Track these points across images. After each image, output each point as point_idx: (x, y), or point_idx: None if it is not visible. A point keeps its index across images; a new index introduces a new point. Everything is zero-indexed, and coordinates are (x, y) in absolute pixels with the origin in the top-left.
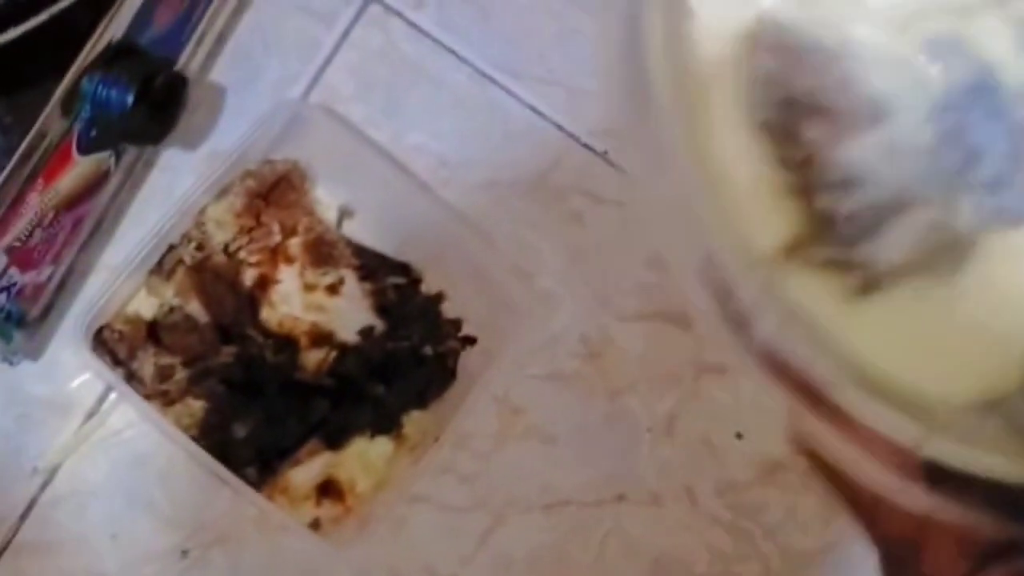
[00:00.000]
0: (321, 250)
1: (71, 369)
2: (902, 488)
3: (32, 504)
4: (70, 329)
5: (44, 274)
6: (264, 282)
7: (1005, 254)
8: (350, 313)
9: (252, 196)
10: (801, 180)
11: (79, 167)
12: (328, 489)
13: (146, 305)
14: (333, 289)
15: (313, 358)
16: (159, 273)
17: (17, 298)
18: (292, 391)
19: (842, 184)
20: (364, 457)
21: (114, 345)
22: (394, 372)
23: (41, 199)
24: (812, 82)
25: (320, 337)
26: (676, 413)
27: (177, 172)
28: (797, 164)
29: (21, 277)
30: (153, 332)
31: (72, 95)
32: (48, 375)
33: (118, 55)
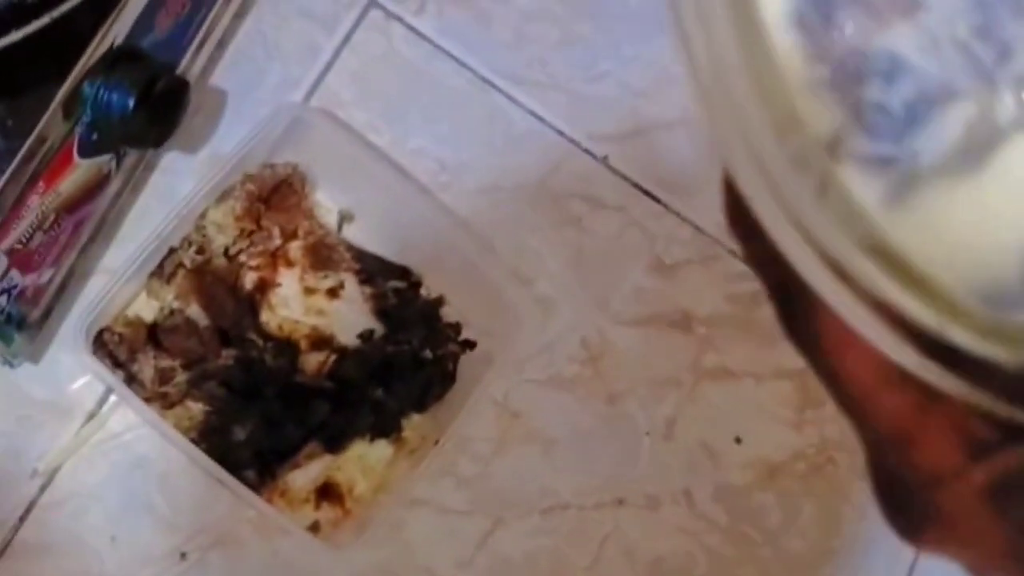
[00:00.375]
0: (321, 254)
1: (71, 371)
2: (901, 353)
3: (31, 506)
4: (70, 332)
5: (45, 277)
6: (264, 285)
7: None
8: (350, 317)
9: (253, 200)
10: (843, 73)
11: (80, 170)
12: (327, 492)
13: (146, 308)
14: (333, 293)
15: (313, 361)
16: (159, 276)
17: (18, 300)
18: (292, 394)
19: (885, 74)
20: (363, 460)
21: (114, 348)
22: (394, 376)
23: (42, 202)
24: None
25: (320, 340)
26: (675, 417)
27: (178, 175)
28: (840, 56)
29: (22, 279)
30: (153, 335)
31: (73, 99)
32: (48, 377)
33: (120, 59)
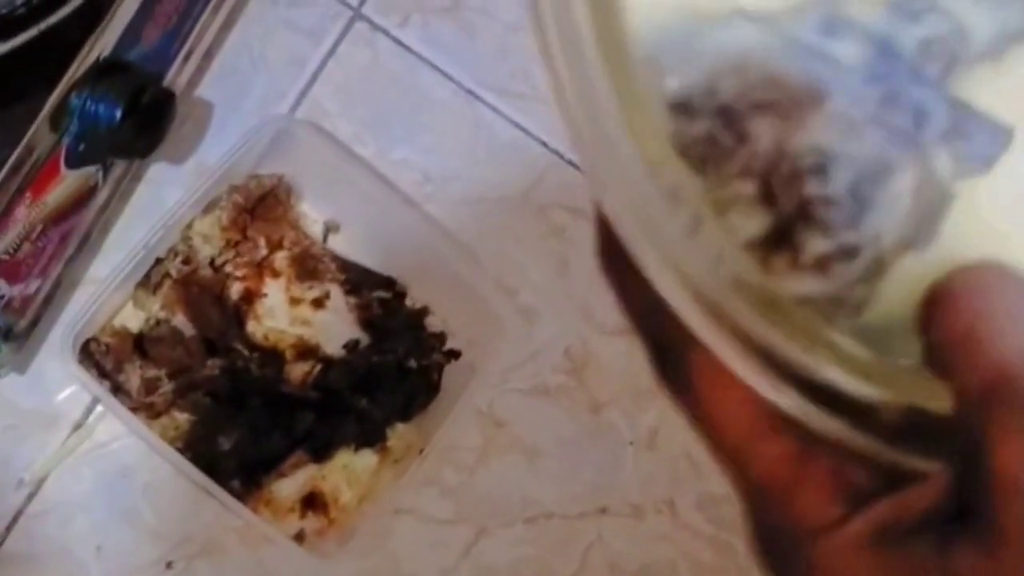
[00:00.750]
0: (307, 264)
1: (58, 381)
2: (777, 394)
3: (18, 516)
4: (57, 341)
5: (32, 287)
6: (250, 296)
7: (974, 203)
8: (335, 327)
9: (238, 210)
10: (778, 180)
11: (67, 181)
12: (312, 501)
13: (133, 318)
14: (318, 303)
15: (298, 371)
16: (146, 286)
17: (4, 310)
18: (277, 404)
19: (817, 168)
20: (348, 469)
21: (101, 358)
22: (379, 385)
23: (29, 212)
24: (737, 85)
25: (305, 350)
26: (658, 427)
27: (164, 186)
28: (763, 168)
29: (9, 289)
30: (139, 345)
31: (61, 110)
32: (35, 387)
33: (107, 70)
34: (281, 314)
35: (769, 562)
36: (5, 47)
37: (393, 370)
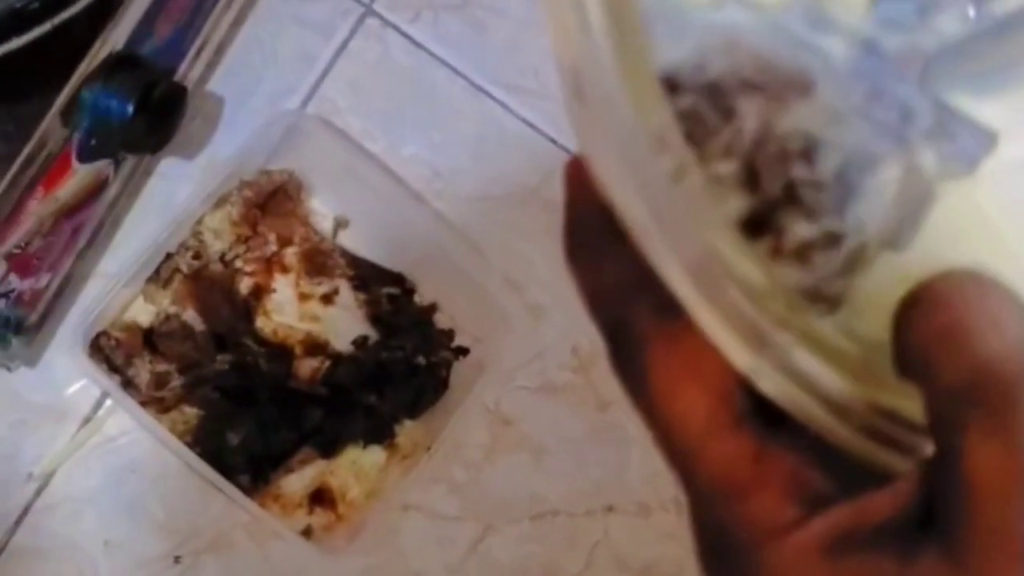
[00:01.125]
0: (316, 260)
1: (67, 375)
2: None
3: (27, 510)
4: (67, 336)
5: (42, 281)
6: (259, 291)
7: (960, 201)
8: (344, 323)
9: (249, 206)
10: (764, 159)
11: (78, 175)
12: (320, 497)
13: (143, 313)
14: (328, 299)
15: (307, 367)
16: (156, 281)
17: (15, 304)
18: (286, 399)
19: (803, 152)
20: (356, 466)
21: (110, 352)
22: (387, 382)
23: (40, 207)
24: (727, 62)
25: (314, 346)
26: None
27: (175, 181)
28: (747, 148)
29: (20, 283)
30: (149, 339)
31: (72, 104)
32: (44, 381)
33: (118, 65)
34: (290, 310)
35: (715, 566)
36: (18, 42)
37: (402, 367)
